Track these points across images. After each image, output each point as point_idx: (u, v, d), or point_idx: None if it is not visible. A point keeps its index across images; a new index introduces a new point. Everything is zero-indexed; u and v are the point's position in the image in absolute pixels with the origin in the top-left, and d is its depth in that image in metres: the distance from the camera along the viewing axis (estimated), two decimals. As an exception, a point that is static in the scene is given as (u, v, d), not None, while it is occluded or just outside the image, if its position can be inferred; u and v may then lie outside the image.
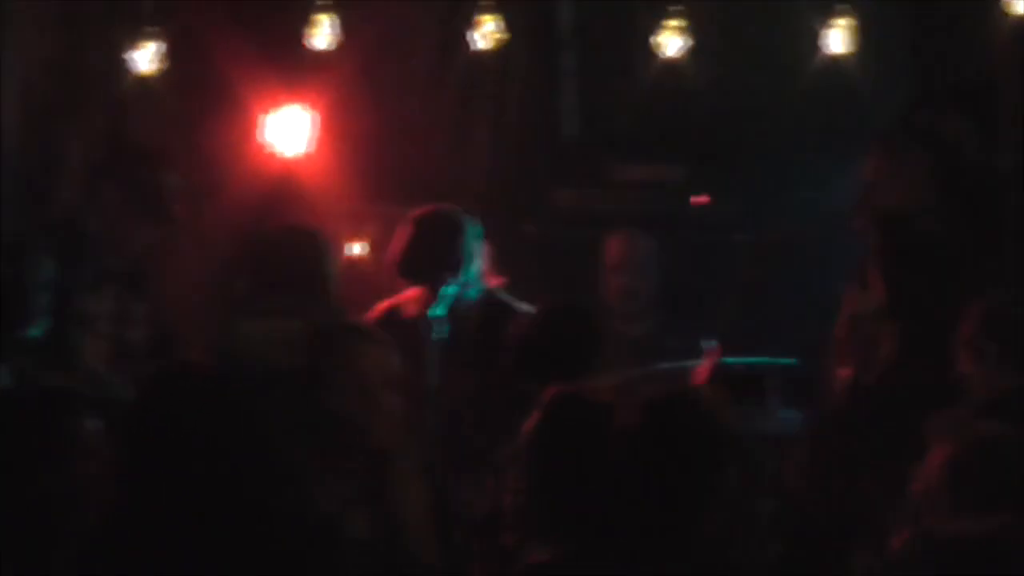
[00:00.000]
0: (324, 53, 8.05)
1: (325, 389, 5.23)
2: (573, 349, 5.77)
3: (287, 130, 8.06)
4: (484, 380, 5.06)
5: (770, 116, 8.30)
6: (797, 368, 6.75)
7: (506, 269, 7.01)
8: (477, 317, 6.52)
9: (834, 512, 5.93)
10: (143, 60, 7.92)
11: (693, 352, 6.36)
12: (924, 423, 5.31)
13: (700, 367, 6.17)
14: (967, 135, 7.34)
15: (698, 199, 8.49)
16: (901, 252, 6.26)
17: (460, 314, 6.48)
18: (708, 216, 8.47)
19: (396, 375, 5.35)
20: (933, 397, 5.64)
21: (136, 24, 7.98)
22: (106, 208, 6.80)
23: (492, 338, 6.30)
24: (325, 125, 8.11)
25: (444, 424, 6.29)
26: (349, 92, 8.12)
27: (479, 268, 6.61)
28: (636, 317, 7.67)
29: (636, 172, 8.67)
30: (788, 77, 8.18)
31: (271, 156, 8.07)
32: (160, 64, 7.92)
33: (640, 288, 7.74)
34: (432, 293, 6.49)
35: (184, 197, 6.98)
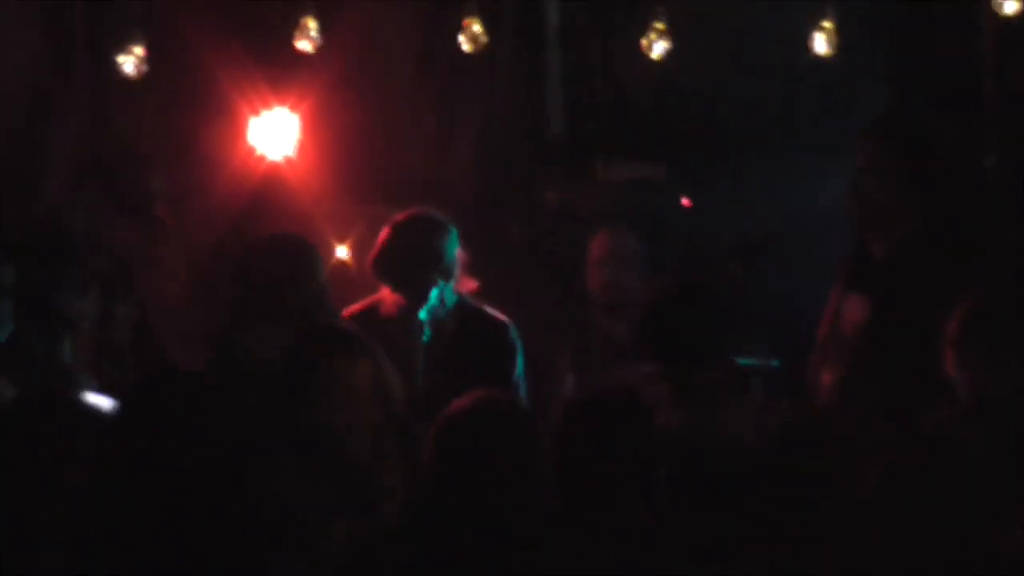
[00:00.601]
0: (309, 55, 8.05)
1: (311, 398, 5.23)
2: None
3: (272, 132, 8.06)
4: (457, 386, 5.09)
5: (755, 115, 8.31)
6: (781, 369, 6.76)
7: (491, 269, 7.00)
8: (453, 323, 6.52)
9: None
10: (128, 62, 7.92)
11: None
12: (910, 426, 5.33)
13: None
14: (951, 134, 7.36)
15: (688, 201, 8.51)
16: (883, 255, 6.27)
17: (437, 319, 6.48)
18: (693, 215, 8.48)
19: (384, 386, 5.35)
20: (919, 399, 5.65)
21: (121, 25, 7.98)
22: (90, 209, 6.79)
23: (466, 345, 6.36)
24: (310, 126, 8.11)
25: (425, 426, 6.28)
26: (334, 93, 8.12)
27: (455, 274, 6.60)
28: (620, 314, 7.64)
29: (622, 171, 8.67)
30: (772, 77, 8.19)
31: (256, 158, 8.07)
32: (144, 66, 7.91)
33: (623, 280, 7.67)
34: (408, 294, 6.48)
35: (168, 199, 6.98)
